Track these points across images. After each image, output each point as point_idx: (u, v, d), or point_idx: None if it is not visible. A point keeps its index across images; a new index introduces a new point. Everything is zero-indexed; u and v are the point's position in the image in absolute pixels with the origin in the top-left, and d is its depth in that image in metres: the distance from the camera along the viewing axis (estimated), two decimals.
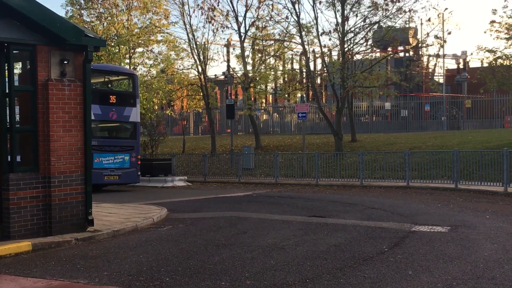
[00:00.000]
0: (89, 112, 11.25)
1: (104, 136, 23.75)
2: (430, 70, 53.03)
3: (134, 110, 23.69)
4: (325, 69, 32.61)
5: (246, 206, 16.17)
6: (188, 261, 8.70)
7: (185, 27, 33.58)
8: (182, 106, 43.51)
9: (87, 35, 11.02)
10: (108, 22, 34.98)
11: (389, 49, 38.58)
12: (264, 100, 55.99)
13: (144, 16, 36.05)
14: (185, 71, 37.65)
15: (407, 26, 33.08)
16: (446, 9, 40.52)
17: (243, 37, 35.14)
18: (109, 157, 22.91)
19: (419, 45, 36.69)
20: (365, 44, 31.62)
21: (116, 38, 34.32)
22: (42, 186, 10.63)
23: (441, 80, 51.70)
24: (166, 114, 41.64)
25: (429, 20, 29.64)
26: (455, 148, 21.99)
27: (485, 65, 36.21)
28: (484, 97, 42.54)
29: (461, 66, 58.14)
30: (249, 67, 37.06)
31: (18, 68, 12.19)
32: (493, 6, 68.62)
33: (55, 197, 10.71)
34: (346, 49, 29.99)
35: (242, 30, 34.82)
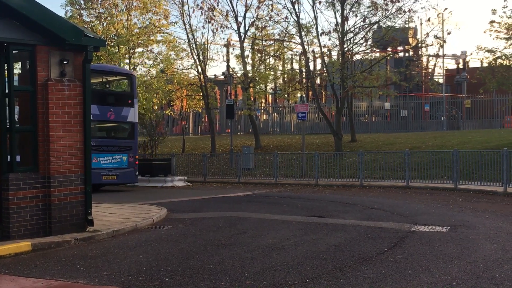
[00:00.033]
0: (89, 112, 11.24)
1: (102, 136, 23.76)
2: (430, 70, 53.03)
3: (132, 110, 23.68)
4: (325, 69, 32.62)
5: (246, 206, 16.17)
6: (188, 261, 8.70)
7: (185, 27, 33.69)
8: (182, 106, 43.54)
9: (87, 35, 11.02)
10: (108, 22, 34.96)
11: (389, 49, 38.57)
12: (264, 100, 55.96)
13: (144, 16, 36.06)
14: (185, 71, 37.71)
15: (407, 26, 33.04)
16: (446, 9, 40.74)
17: (243, 37, 35.17)
18: (107, 157, 22.91)
19: (419, 45, 36.74)
20: (365, 44, 31.61)
21: (116, 38, 34.29)
22: (42, 186, 10.63)
23: (441, 80, 51.69)
24: (166, 114, 41.65)
25: (429, 20, 29.68)
26: (455, 148, 22.00)
27: (485, 65, 36.23)
28: (484, 97, 42.53)
29: (461, 66, 58.11)
30: (249, 67, 37.07)
31: (18, 68, 12.19)
32: (493, 6, 68.62)
33: (55, 197, 10.71)
34: (346, 49, 29.99)
35: (242, 30, 34.91)
